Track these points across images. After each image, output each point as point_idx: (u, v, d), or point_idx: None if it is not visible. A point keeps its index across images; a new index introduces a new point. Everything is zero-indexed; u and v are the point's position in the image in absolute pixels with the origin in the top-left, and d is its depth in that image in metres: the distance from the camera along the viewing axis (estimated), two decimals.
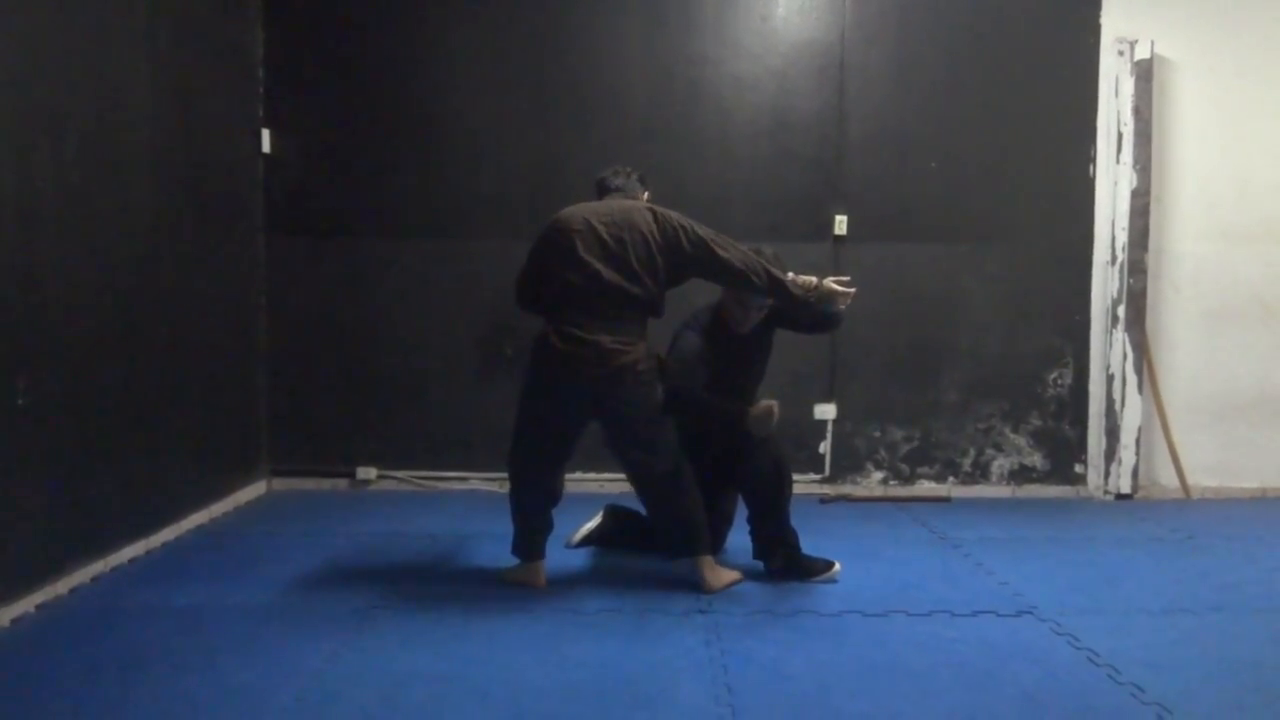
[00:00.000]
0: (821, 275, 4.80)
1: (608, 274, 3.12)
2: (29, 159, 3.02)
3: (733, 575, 3.36)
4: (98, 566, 3.39)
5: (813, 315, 3.46)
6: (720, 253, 3.19)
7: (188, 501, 4.08)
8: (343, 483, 4.92)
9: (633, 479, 3.34)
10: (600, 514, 3.82)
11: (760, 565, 3.47)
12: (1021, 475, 5.00)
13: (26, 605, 2.99)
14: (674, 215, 3.23)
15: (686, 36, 4.85)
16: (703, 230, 3.23)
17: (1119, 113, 4.85)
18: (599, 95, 4.87)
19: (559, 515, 3.44)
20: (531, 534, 3.37)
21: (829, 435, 4.94)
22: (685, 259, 3.20)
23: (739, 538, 3.59)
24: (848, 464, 4.97)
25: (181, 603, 3.13)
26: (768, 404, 3.24)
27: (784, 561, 3.40)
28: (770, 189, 4.83)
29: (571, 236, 3.17)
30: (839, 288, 3.39)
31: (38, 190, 3.06)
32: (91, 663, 2.62)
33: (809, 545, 3.90)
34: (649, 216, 3.21)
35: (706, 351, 3.38)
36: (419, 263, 4.90)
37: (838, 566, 3.40)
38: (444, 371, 4.91)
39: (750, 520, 3.44)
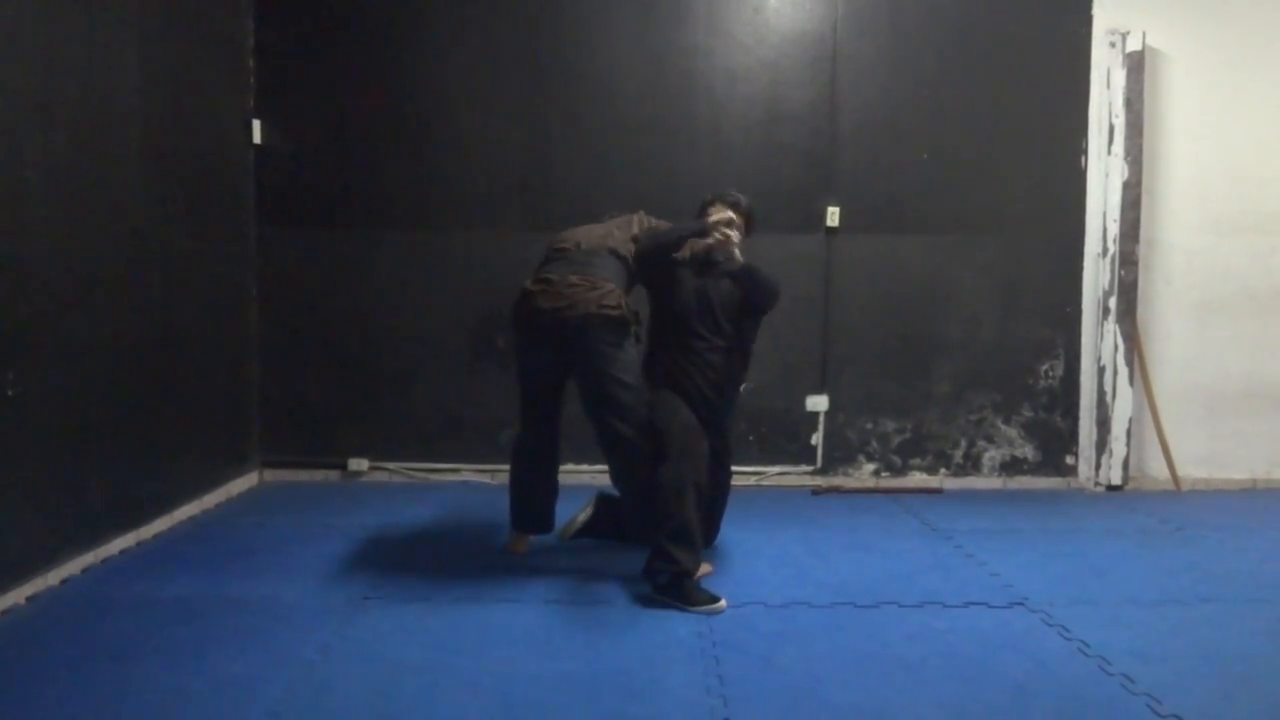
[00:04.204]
0: (813, 267, 4.86)
1: (586, 237, 3.47)
2: (18, 150, 3.00)
3: (704, 568, 3.34)
4: (88, 558, 3.38)
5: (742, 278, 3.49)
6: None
7: (179, 493, 4.07)
8: (334, 474, 4.92)
9: (603, 448, 3.36)
10: (591, 504, 3.82)
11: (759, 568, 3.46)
12: (1013, 467, 5.02)
13: (17, 597, 2.98)
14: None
15: (679, 27, 4.83)
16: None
17: (1110, 104, 4.85)
18: (591, 86, 4.85)
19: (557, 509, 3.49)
20: (520, 502, 3.57)
21: (821, 427, 4.94)
22: None
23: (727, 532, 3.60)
24: (840, 455, 4.98)
25: (172, 594, 3.13)
26: (724, 216, 3.43)
27: (668, 580, 3.08)
28: (763, 181, 4.81)
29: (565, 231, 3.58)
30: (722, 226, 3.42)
31: (27, 181, 3.04)
32: (82, 654, 2.62)
33: (802, 537, 3.92)
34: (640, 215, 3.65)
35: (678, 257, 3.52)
36: (410, 254, 4.89)
37: (722, 603, 3.05)
38: (435, 363, 4.91)
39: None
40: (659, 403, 3.31)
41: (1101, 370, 4.91)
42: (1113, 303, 4.86)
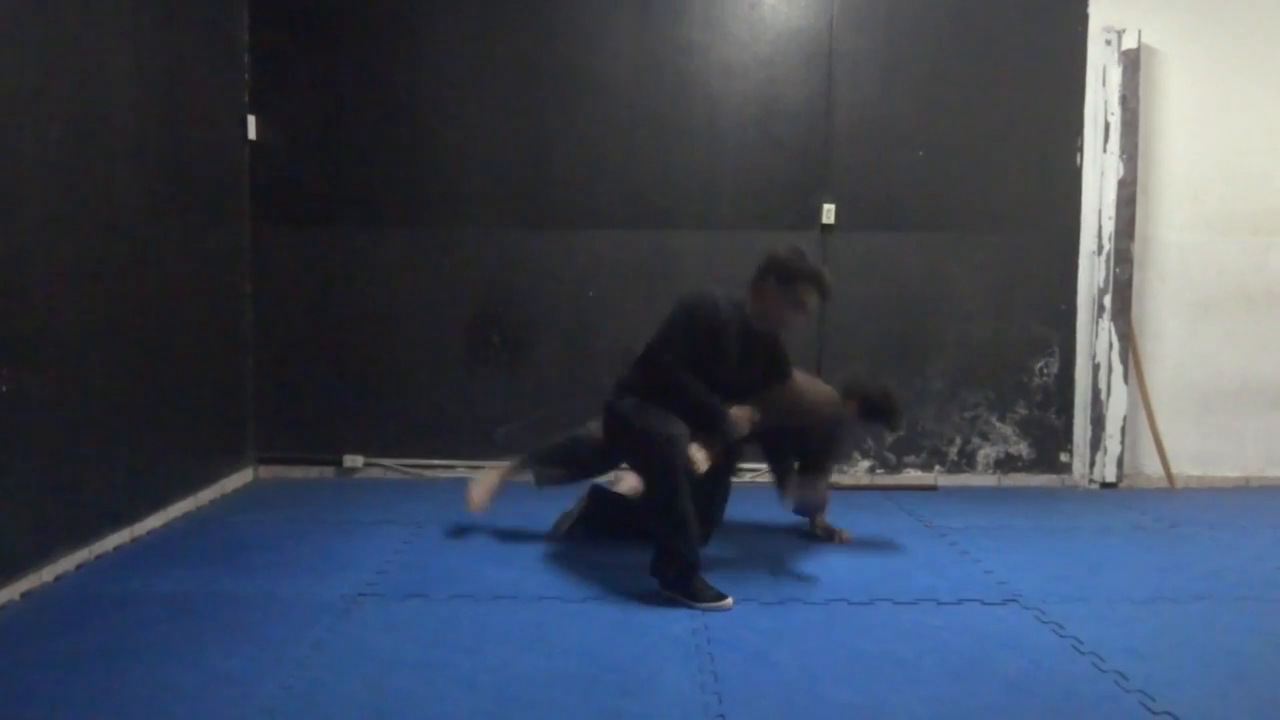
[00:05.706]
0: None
1: None
2: (11, 145, 2.99)
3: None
4: (83, 554, 3.38)
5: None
6: None
7: (174, 489, 4.07)
8: (329, 470, 4.91)
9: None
10: (584, 499, 3.82)
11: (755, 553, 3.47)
12: (1007, 464, 5.02)
13: (11, 593, 2.98)
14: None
15: (674, 23, 4.83)
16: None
17: (1106, 102, 4.86)
18: (586, 82, 4.85)
19: (549, 505, 3.51)
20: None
21: None
22: None
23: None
24: None
25: (167, 590, 3.12)
26: (747, 411, 3.27)
27: (675, 576, 3.08)
28: (758, 177, 4.82)
29: None
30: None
31: (20, 177, 3.03)
32: (77, 651, 2.61)
33: (796, 534, 3.93)
34: None
35: (718, 329, 3.23)
36: (406, 250, 4.88)
37: (729, 600, 3.04)
38: (431, 359, 4.90)
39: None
40: (652, 412, 3.18)
41: (1096, 368, 4.92)
42: (1107, 300, 4.87)
